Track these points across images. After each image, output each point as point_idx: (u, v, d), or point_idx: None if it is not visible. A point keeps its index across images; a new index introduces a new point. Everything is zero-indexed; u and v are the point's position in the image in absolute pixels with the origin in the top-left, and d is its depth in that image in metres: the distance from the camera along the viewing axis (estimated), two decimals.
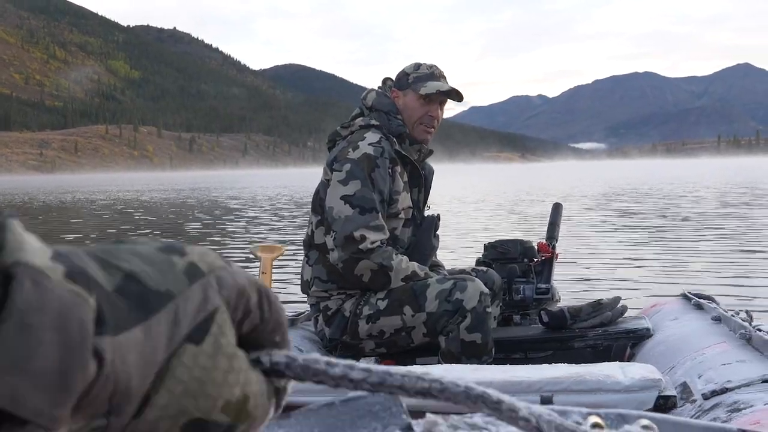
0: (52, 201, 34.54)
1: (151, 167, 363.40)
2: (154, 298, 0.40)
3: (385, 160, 2.81)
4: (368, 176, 2.76)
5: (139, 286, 0.39)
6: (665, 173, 57.86)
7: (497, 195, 27.83)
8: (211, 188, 49.22)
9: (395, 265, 2.73)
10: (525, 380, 2.08)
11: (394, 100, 2.99)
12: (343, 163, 2.81)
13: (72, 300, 0.35)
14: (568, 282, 6.90)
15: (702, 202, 19.82)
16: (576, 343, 2.91)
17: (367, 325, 2.78)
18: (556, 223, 3.45)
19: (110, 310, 0.37)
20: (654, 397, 1.97)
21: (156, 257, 0.42)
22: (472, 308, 2.69)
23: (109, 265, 0.39)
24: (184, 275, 0.42)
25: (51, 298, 0.34)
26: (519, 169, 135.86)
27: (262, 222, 16.84)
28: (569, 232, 11.91)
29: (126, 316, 0.38)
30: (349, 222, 2.71)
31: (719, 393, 1.87)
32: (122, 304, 0.38)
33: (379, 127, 2.91)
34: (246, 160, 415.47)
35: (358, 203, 2.73)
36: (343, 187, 2.77)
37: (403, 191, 2.90)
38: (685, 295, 3.22)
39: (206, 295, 0.42)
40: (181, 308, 0.41)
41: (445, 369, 2.27)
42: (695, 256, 9.00)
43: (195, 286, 0.42)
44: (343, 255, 2.71)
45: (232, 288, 0.44)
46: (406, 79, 2.99)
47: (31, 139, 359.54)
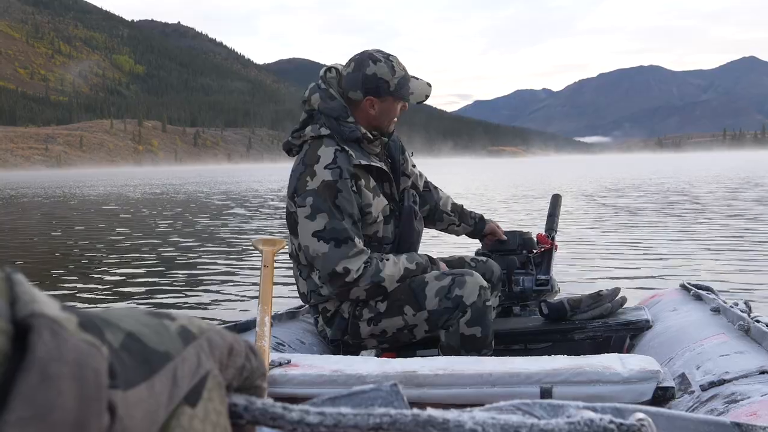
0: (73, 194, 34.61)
1: (156, 161, 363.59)
2: (155, 357, 0.40)
3: (346, 180, 2.66)
4: (333, 205, 2.64)
5: (140, 345, 0.40)
6: (669, 167, 57.73)
7: (499, 188, 27.80)
8: (216, 182, 49.26)
9: (385, 275, 2.67)
10: (524, 372, 2.09)
11: (365, 107, 2.77)
12: (304, 196, 2.67)
13: (87, 350, 0.35)
14: (567, 273, 6.92)
15: (703, 194, 19.83)
16: (576, 335, 2.91)
17: (369, 327, 2.76)
18: (555, 214, 3.44)
19: (120, 364, 0.37)
20: (652, 389, 1.98)
21: (149, 320, 0.43)
22: (472, 303, 2.67)
23: (110, 323, 0.39)
24: (179, 337, 0.43)
25: (69, 347, 0.35)
26: (523, 163, 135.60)
27: (264, 215, 16.86)
28: (569, 223, 11.92)
29: (133, 372, 0.38)
30: (328, 259, 2.63)
31: (717, 384, 1.88)
32: (128, 360, 0.38)
33: (331, 136, 2.73)
34: (251, 154, 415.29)
35: (331, 236, 2.63)
36: (311, 222, 2.65)
37: (374, 199, 2.77)
38: (684, 285, 3.21)
39: (199, 359, 0.43)
40: (180, 369, 0.41)
41: (447, 361, 2.28)
42: (695, 247, 9.03)
43: (190, 348, 0.43)
44: (333, 290, 2.68)
45: (222, 348, 0.46)
46: (386, 87, 2.75)
47: (36, 134, 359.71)
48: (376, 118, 2.79)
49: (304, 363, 2.30)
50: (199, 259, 9.58)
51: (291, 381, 2.20)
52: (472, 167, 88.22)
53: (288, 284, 6.83)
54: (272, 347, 2.71)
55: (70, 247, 11.84)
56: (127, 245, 11.64)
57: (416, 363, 2.25)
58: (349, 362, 2.30)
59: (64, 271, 8.98)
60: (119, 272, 8.56)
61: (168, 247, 11.21)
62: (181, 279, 7.89)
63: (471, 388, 2.11)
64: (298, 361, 2.33)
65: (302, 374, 2.21)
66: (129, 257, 9.97)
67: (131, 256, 10.04)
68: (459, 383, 2.12)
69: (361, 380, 2.15)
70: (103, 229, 15.09)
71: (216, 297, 6.71)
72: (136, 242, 12.09)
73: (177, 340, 0.43)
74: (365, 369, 2.20)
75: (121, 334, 0.39)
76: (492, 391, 2.08)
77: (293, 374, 2.21)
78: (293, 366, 2.27)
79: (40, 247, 12.23)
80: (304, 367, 2.25)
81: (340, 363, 2.29)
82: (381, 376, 2.15)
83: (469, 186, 31.07)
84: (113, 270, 8.77)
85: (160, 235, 13.21)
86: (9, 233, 15.15)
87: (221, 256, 9.70)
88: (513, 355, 2.91)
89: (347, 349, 2.86)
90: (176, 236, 12.82)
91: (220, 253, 10.06)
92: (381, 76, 2.75)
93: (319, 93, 2.78)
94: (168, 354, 0.41)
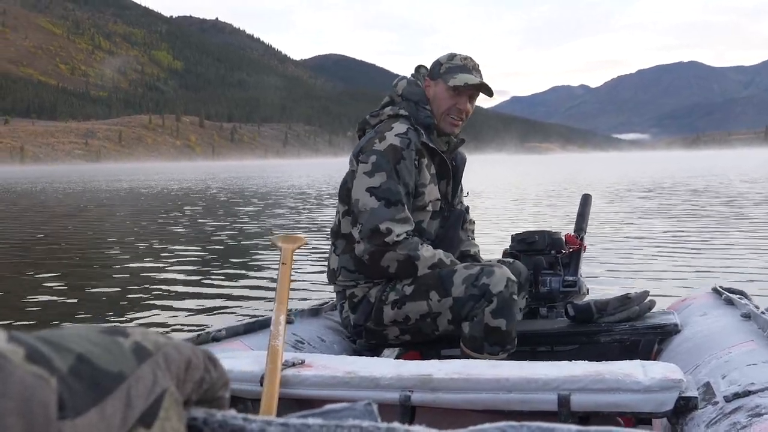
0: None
1: (194, 156, 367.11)
2: (107, 379, 0.39)
3: (412, 151, 2.77)
4: (394, 168, 2.73)
5: (91, 368, 0.39)
6: (707, 164, 56.82)
7: (531, 186, 27.57)
8: (251, 177, 49.57)
9: (421, 254, 2.71)
10: (542, 378, 2.02)
11: (425, 89, 2.95)
12: (369, 154, 2.77)
13: (35, 383, 0.34)
14: (595, 275, 6.80)
15: (741, 194, 19.41)
16: (602, 338, 2.84)
17: (393, 311, 2.76)
18: (585, 214, 3.37)
19: (69, 392, 0.36)
20: (674, 399, 1.90)
21: (101, 339, 0.41)
22: (498, 292, 2.64)
23: (60, 347, 0.38)
24: (133, 354, 0.42)
25: (14, 381, 0.33)
26: (558, 160, 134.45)
27: (290, 211, 16.90)
28: (599, 224, 11.74)
29: (82, 399, 0.37)
30: (374, 215, 2.69)
31: (741, 396, 1.79)
32: (78, 386, 0.37)
33: (408, 117, 2.87)
34: (287, 150, 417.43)
35: (383, 195, 2.70)
36: (368, 178, 2.74)
37: (429, 183, 2.86)
38: (716, 289, 3.12)
39: (155, 376, 0.42)
40: (133, 389, 0.40)
41: (463, 365, 2.22)
42: (731, 249, 8.81)
43: (144, 366, 0.42)
44: (369, 247, 2.70)
45: (179, 362, 0.45)
46: (438, 68, 2.93)
47: (76, 128, 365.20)
48: (432, 102, 2.91)
49: (318, 363, 2.25)
50: (223, 254, 9.61)
51: (303, 382, 2.15)
52: (508, 164, 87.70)
53: (310, 281, 6.82)
54: (291, 345, 2.68)
55: (73, 245, 11.96)
56: (136, 241, 11.72)
57: (432, 366, 2.19)
58: (364, 363, 2.25)
59: (60, 269, 9.06)
60: (131, 267, 8.62)
61: (196, 240, 11.27)
62: (203, 275, 7.91)
63: (487, 394, 2.05)
64: (312, 361, 2.28)
65: (315, 375, 2.16)
66: (141, 254, 10.04)
67: (143, 253, 10.10)
68: (475, 388, 2.06)
69: (374, 383, 2.10)
70: (124, 221, 15.24)
71: (235, 293, 6.69)
72: (156, 237, 12.17)
73: (131, 358, 0.42)
74: (380, 371, 2.15)
75: (71, 358, 0.38)
76: (508, 397, 2.02)
77: (306, 375, 2.17)
78: (307, 366, 2.23)
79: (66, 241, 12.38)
80: (317, 368, 2.21)
81: (355, 364, 2.24)
82: (395, 379, 2.09)
83: (500, 183, 30.87)
84: (127, 266, 8.83)
85: (194, 229, 13.30)
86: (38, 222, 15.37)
87: (246, 253, 9.72)
88: (538, 357, 2.86)
89: (369, 338, 2.85)
90: (201, 230, 12.89)
91: (245, 249, 10.09)
92: (440, 60, 2.96)
93: (407, 80, 2.98)
94: (121, 374, 0.40)
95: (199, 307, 6.10)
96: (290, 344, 2.67)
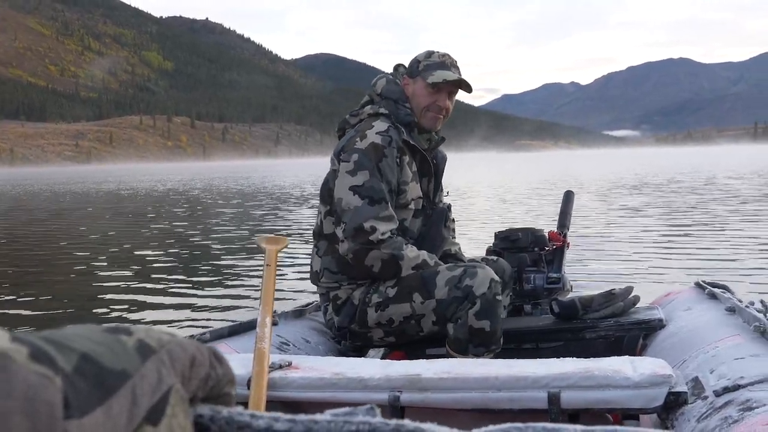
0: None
1: (185, 157, 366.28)
2: (111, 378, 0.39)
3: (393, 149, 2.76)
4: (376, 166, 2.72)
5: (95, 367, 0.38)
6: (695, 161, 56.93)
7: (521, 184, 27.58)
8: (240, 178, 49.47)
9: (405, 254, 2.69)
10: (531, 376, 2.01)
11: (404, 88, 2.94)
12: (351, 153, 2.76)
13: (39, 382, 0.34)
14: (579, 271, 6.79)
15: (726, 190, 19.45)
16: (587, 334, 2.84)
17: (376, 313, 2.74)
18: (568, 211, 3.38)
19: (73, 391, 0.36)
20: (664, 394, 1.89)
21: (104, 338, 0.41)
22: (481, 294, 2.63)
23: (63, 346, 0.38)
24: (136, 353, 0.42)
25: (18, 381, 0.33)
26: (548, 157, 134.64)
27: (274, 212, 16.85)
28: (583, 220, 11.75)
29: (88, 398, 0.37)
30: (358, 213, 2.67)
31: (731, 390, 1.79)
32: (83, 385, 0.37)
33: (388, 115, 2.86)
34: (278, 149, 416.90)
35: (366, 194, 2.69)
36: (351, 177, 2.72)
37: (411, 181, 2.85)
38: (699, 284, 3.12)
39: (160, 374, 0.42)
40: (138, 387, 0.40)
41: (452, 364, 2.21)
42: (712, 244, 8.83)
43: (148, 364, 0.42)
44: (353, 246, 2.68)
45: (184, 359, 0.45)
46: (416, 66, 2.93)
47: (66, 130, 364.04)
48: (412, 100, 2.90)
49: (305, 365, 2.24)
50: (205, 257, 9.55)
51: (291, 384, 2.14)
52: (497, 162, 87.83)
53: (293, 281, 6.79)
54: (276, 347, 2.66)
55: (60, 247, 11.91)
56: (114, 246, 11.67)
57: (420, 366, 2.18)
58: (351, 365, 2.24)
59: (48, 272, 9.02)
60: (116, 272, 8.57)
61: (177, 243, 11.22)
62: (186, 277, 7.85)
63: (476, 393, 2.04)
64: (299, 363, 2.27)
65: (302, 377, 2.15)
66: (127, 255, 9.99)
67: (130, 255, 10.06)
68: (464, 387, 2.05)
69: (363, 384, 2.09)
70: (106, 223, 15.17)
71: (218, 296, 6.62)
72: (139, 240, 12.12)
73: (134, 356, 0.41)
74: (367, 372, 2.13)
75: (74, 357, 0.38)
76: (498, 396, 2.01)
77: (293, 377, 2.15)
78: (294, 368, 2.21)
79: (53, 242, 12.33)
80: (304, 370, 2.19)
81: (343, 365, 2.22)
82: (383, 380, 2.08)
83: (486, 182, 30.89)
84: (110, 267, 8.79)
85: (173, 232, 13.24)
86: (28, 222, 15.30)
87: (231, 255, 9.68)
88: (523, 354, 2.84)
89: (353, 340, 2.84)
90: (183, 232, 12.84)
91: (229, 252, 10.04)
92: (418, 57, 2.96)
93: (386, 79, 2.99)
94: (125, 372, 0.40)
95: (182, 312, 6.01)
96: (275, 346, 2.65)
